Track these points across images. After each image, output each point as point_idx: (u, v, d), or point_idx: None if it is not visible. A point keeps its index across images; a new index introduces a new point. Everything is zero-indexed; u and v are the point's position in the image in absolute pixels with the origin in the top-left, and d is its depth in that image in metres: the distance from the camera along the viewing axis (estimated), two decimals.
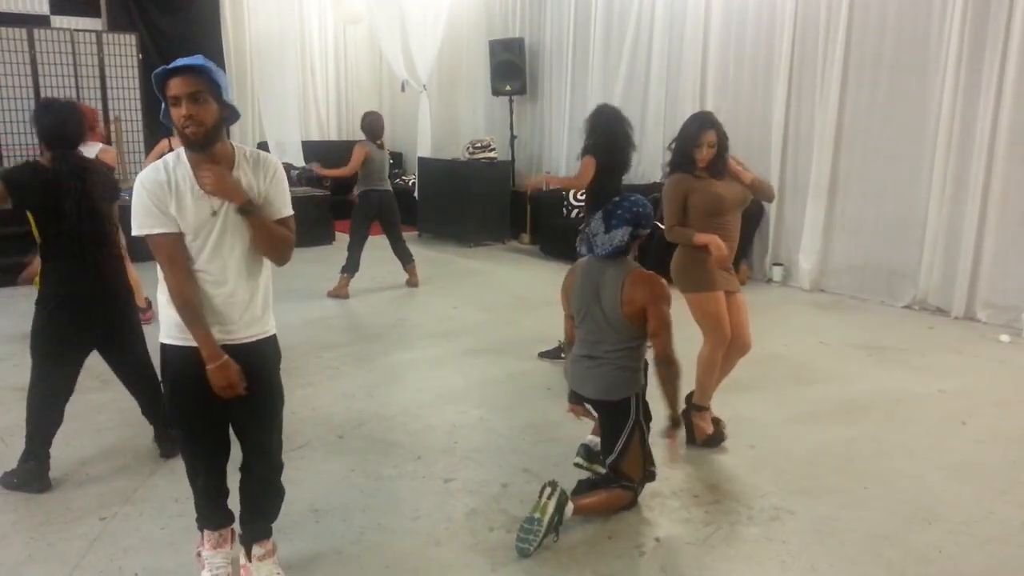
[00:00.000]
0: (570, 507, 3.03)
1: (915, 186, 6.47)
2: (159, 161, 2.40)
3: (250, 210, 2.39)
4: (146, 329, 3.73)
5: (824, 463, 3.73)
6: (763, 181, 3.99)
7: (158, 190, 2.33)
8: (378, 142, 7.00)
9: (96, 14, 10.41)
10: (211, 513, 2.72)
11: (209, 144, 2.35)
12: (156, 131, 9.00)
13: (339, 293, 6.91)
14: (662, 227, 5.66)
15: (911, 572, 2.86)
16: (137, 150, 9.51)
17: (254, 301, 2.52)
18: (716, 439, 3.87)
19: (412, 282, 7.38)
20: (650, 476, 3.26)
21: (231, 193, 2.36)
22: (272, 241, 2.47)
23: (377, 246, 7.44)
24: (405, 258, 7.34)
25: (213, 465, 2.64)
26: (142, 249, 2.50)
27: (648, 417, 3.25)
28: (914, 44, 6.39)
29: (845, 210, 7.02)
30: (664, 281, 3.12)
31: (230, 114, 2.42)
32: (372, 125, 7.02)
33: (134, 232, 2.37)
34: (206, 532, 2.74)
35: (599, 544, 3.01)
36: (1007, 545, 3.02)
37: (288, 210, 2.53)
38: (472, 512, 3.23)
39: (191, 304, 2.38)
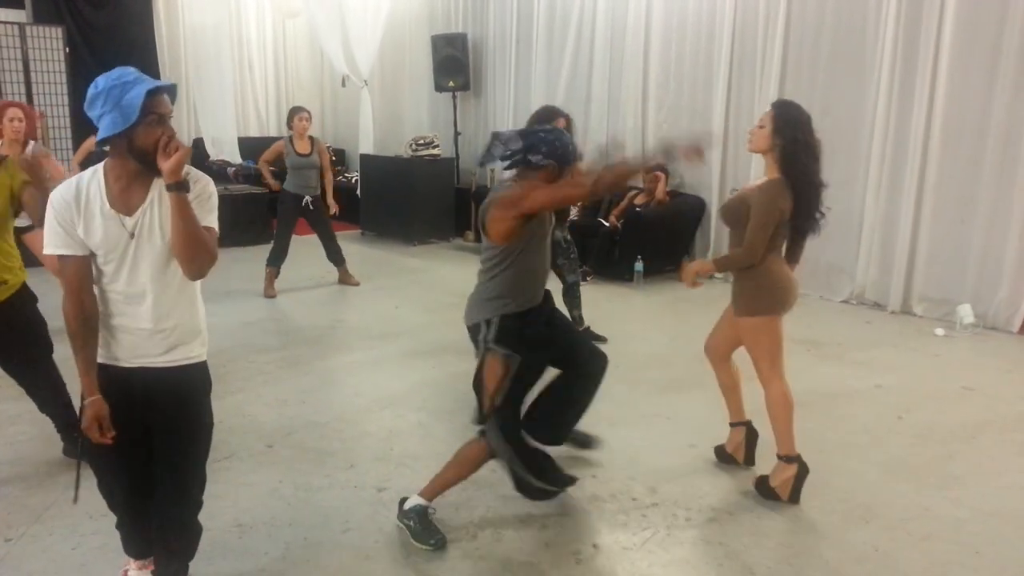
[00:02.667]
0: (414, 499, 3.00)
1: (852, 182, 6.54)
2: (73, 178, 2.24)
3: (183, 187, 2.17)
4: None
5: (762, 461, 3.70)
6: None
7: (65, 210, 2.19)
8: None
9: (20, 5, 9.97)
10: (132, 543, 2.57)
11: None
12: (84, 128, 8.69)
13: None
14: (607, 224, 5.57)
15: (848, 571, 2.84)
16: (65, 147, 9.14)
17: (178, 323, 2.33)
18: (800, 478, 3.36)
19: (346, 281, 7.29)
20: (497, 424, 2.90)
21: (180, 165, 2.15)
22: (195, 241, 2.22)
23: (314, 244, 7.26)
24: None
25: (131, 496, 2.44)
26: None
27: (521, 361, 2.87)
28: (850, 43, 6.46)
29: None
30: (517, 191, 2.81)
31: None
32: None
33: (45, 249, 2.22)
34: (126, 561, 2.60)
35: (535, 552, 2.93)
36: (942, 542, 3.03)
37: (212, 222, 2.31)
38: None
39: (82, 331, 2.24)
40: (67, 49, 9.41)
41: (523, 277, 2.93)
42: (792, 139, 3.25)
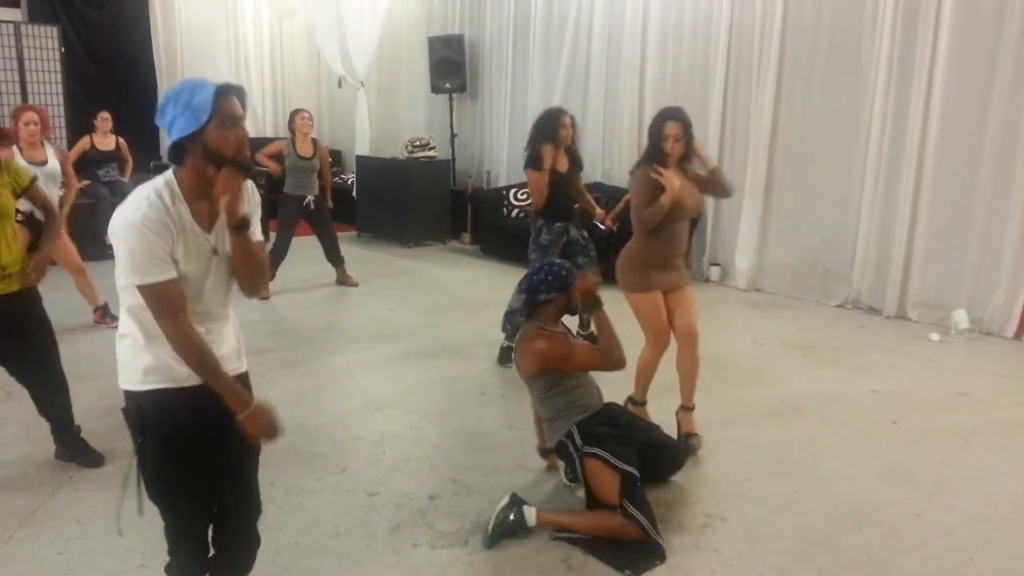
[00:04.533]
0: (531, 511, 3.03)
1: (848, 187, 6.54)
2: (153, 196, 2.02)
3: (247, 226, 2.11)
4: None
5: (757, 466, 3.70)
6: (723, 174, 4.00)
7: (165, 233, 2.00)
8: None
9: (15, 4, 9.95)
10: None
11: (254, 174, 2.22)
12: (79, 128, 8.67)
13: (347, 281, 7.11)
14: (603, 227, 5.61)
15: None
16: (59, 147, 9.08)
17: (233, 336, 2.29)
18: None
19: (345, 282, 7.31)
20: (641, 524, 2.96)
21: (239, 204, 2.09)
22: (257, 266, 2.19)
23: (311, 245, 7.24)
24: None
25: (204, 527, 2.31)
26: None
27: (606, 448, 3.09)
28: (846, 47, 6.46)
29: (780, 210, 7.07)
30: (535, 338, 3.23)
31: None
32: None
33: (134, 281, 2.01)
34: None
35: (526, 559, 2.91)
36: (934, 548, 3.02)
37: (260, 235, 2.26)
38: (396, 527, 3.10)
39: (206, 352, 2.07)
40: (62, 48, 9.38)
41: (576, 390, 3.28)
42: None
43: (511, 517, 3.00)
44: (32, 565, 2.81)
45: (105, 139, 7.98)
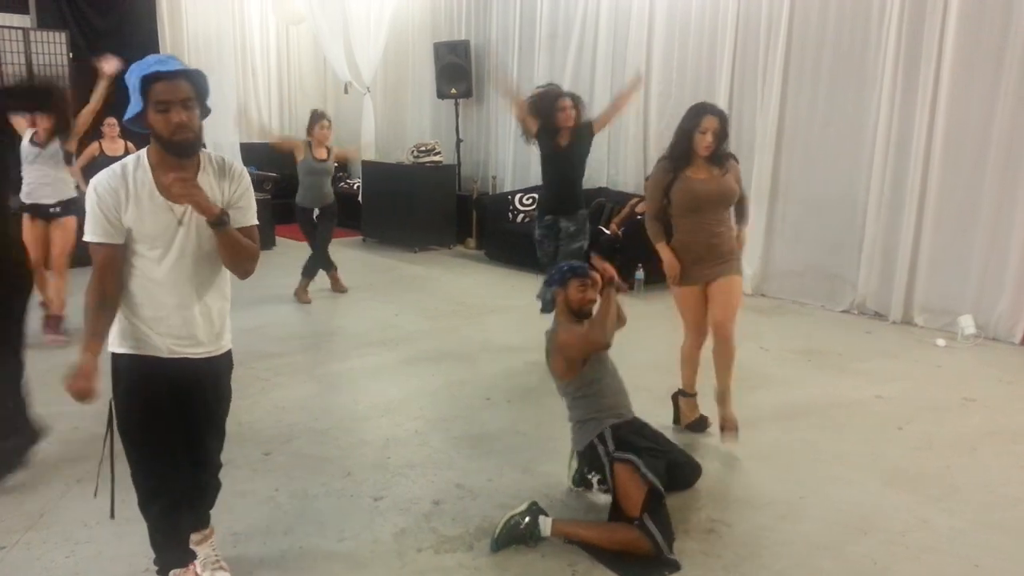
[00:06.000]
0: (547, 521, 3.02)
1: (854, 192, 6.54)
2: (118, 165, 2.28)
3: (223, 222, 2.26)
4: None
5: (762, 472, 3.70)
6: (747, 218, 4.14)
7: (111, 197, 2.22)
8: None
9: (24, 11, 10.00)
10: (174, 545, 2.59)
11: (196, 151, 2.30)
12: (87, 134, 8.70)
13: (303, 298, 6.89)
14: (608, 232, 5.61)
15: None
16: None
17: (213, 316, 2.44)
18: (700, 424, 4.11)
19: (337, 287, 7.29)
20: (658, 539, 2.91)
21: (203, 206, 2.23)
22: (240, 254, 2.36)
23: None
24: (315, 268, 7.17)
25: (173, 482, 2.51)
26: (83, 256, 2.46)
27: (636, 456, 3.08)
28: (852, 53, 6.46)
29: (786, 215, 7.06)
30: (568, 330, 3.24)
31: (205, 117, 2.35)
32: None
33: (86, 236, 2.28)
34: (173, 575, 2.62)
35: (532, 564, 2.91)
36: (940, 555, 3.01)
37: (254, 219, 2.45)
38: (401, 532, 3.11)
39: (103, 308, 2.28)
40: (70, 54, 9.43)
41: (610, 396, 3.29)
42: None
43: (524, 524, 2.98)
44: (40, 569, 2.82)
45: (113, 144, 8.00)
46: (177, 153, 2.24)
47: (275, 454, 3.81)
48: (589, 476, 3.29)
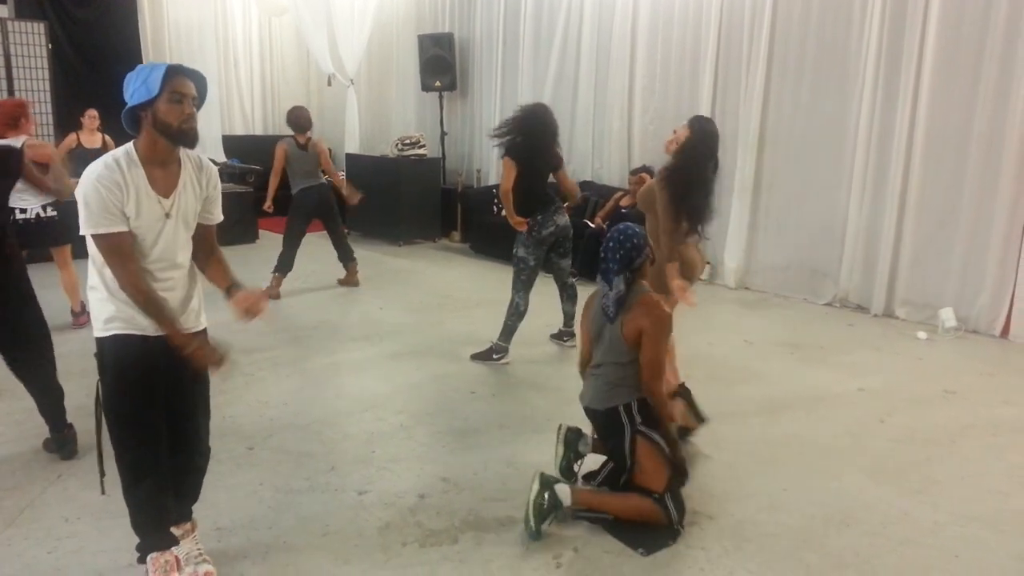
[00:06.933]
0: (564, 489, 3.07)
1: (836, 186, 6.57)
2: (110, 159, 2.40)
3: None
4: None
5: (745, 465, 3.72)
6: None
7: (116, 190, 2.36)
8: (303, 137, 6.79)
9: (2, 0, 9.86)
10: (158, 528, 2.61)
11: (196, 143, 2.49)
12: (66, 125, 8.60)
13: (272, 293, 6.67)
14: (592, 226, 5.60)
15: None
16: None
17: (193, 296, 2.63)
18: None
19: (350, 281, 7.21)
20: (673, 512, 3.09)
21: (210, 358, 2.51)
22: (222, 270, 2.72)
23: (306, 243, 7.20)
24: (346, 256, 7.18)
25: (160, 463, 2.56)
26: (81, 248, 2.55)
27: (662, 434, 3.15)
28: (835, 48, 6.49)
29: (769, 210, 7.10)
30: (667, 312, 3.17)
31: None
32: (296, 120, 6.82)
33: (86, 231, 2.36)
34: (152, 559, 2.61)
35: (516, 557, 2.91)
36: (920, 547, 3.04)
37: (221, 216, 2.71)
38: (385, 526, 3.10)
39: (153, 295, 2.42)
40: (49, 45, 9.30)
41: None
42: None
43: (546, 500, 3.01)
44: (21, 566, 2.79)
45: (91, 136, 7.91)
46: (181, 142, 2.44)
47: (258, 448, 3.79)
48: (561, 464, 3.40)
